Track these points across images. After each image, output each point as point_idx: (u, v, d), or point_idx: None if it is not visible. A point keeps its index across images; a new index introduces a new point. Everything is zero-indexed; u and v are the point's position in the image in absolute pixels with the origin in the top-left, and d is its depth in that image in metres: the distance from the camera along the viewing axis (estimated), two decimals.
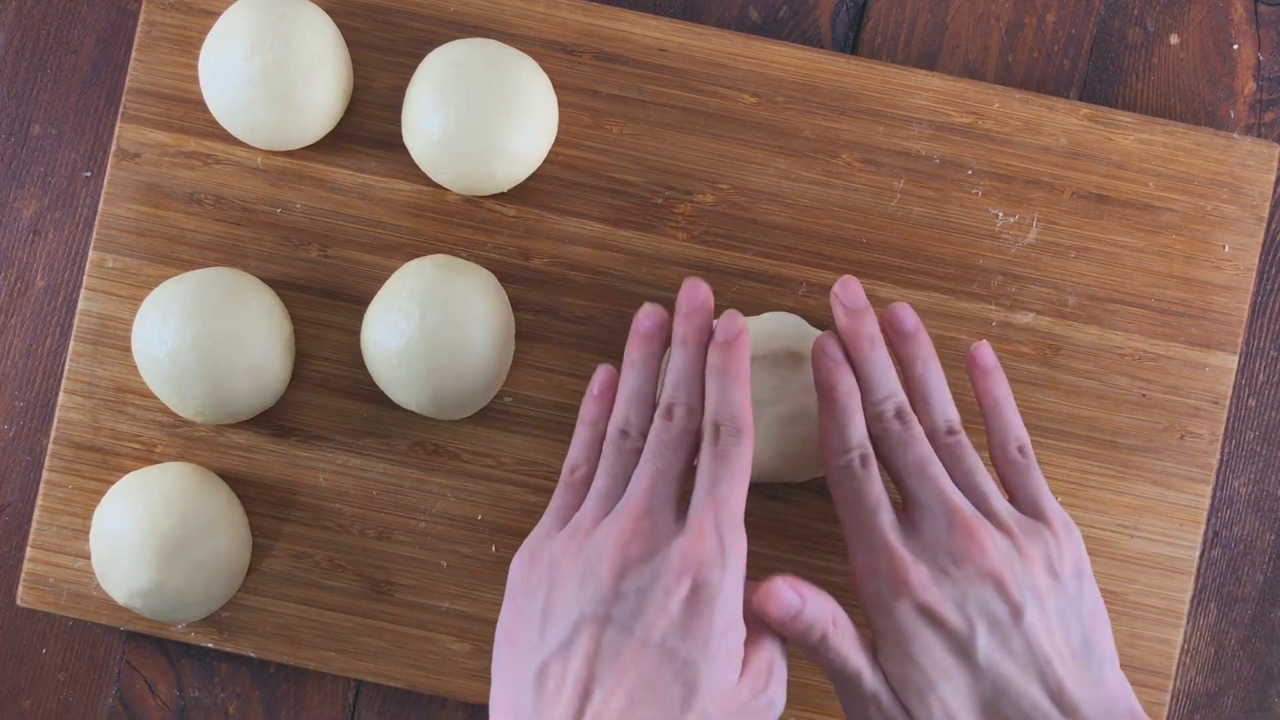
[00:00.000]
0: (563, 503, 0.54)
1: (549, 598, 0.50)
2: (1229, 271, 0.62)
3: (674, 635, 0.48)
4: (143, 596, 0.59)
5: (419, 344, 0.58)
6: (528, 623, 0.50)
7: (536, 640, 0.50)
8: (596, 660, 0.48)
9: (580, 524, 0.52)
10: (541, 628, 0.50)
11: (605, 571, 0.49)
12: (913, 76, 0.62)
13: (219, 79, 0.59)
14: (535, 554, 0.52)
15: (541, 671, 0.49)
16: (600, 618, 0.49)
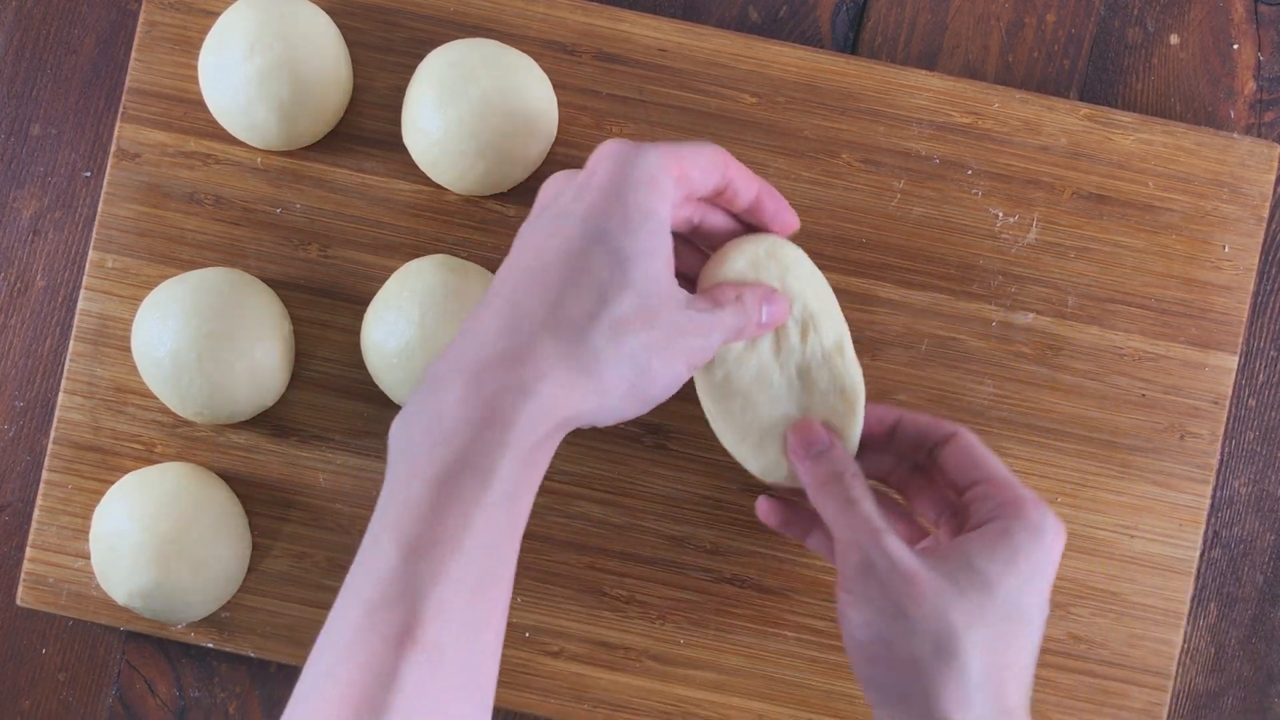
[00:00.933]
0: None
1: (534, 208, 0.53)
2: (1229, 271, 0.62)
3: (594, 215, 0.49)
4: (143, 596, 0.59)
5: (419, 344, 0.58)
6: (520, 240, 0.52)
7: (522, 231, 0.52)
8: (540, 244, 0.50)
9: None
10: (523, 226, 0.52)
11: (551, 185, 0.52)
12: (913, 76, 0.62)
13: (219, 79, 0.59)
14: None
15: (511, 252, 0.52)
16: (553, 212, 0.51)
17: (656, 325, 0.49)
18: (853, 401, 0.56)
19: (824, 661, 0.62)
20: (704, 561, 0.62)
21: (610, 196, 0.49)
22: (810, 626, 0.62)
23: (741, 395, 0.56)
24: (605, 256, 0.49)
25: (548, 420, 0.48)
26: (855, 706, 0.62)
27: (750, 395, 0.56)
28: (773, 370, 0.56)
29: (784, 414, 0.56)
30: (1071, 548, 0.62)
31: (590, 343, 0.48)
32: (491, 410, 0.47)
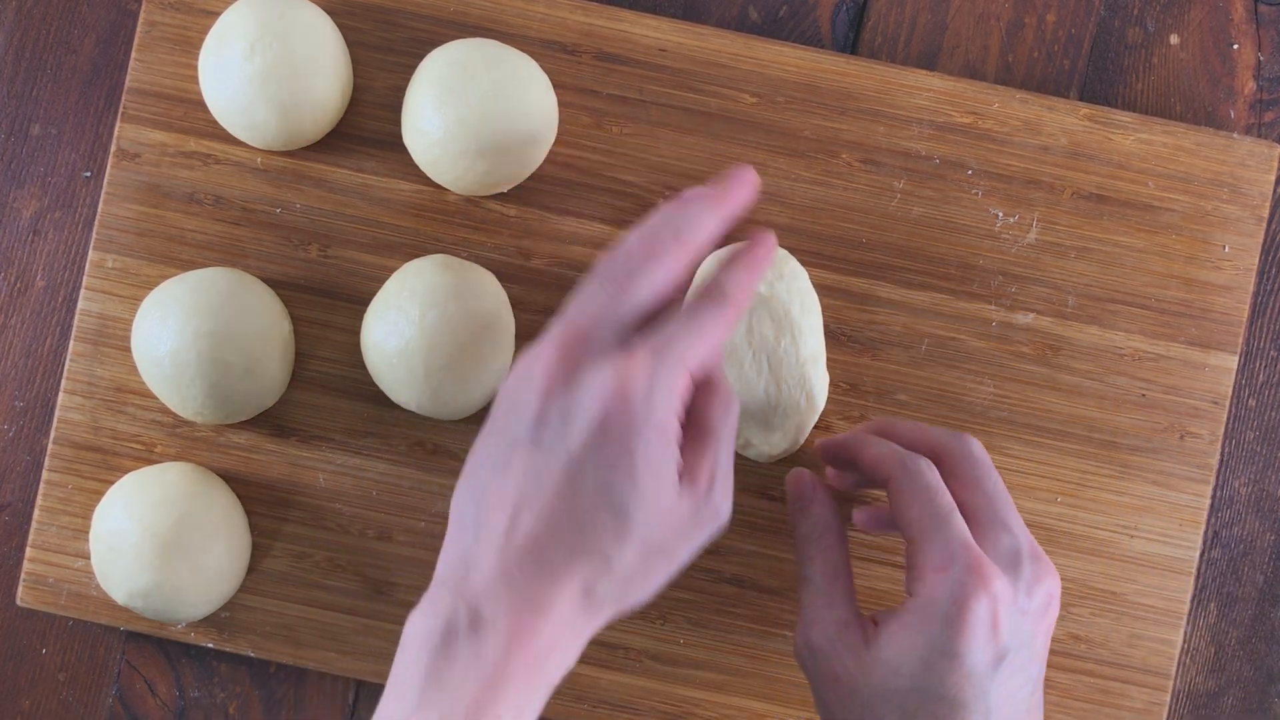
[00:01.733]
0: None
1: (495, 423, 0.50)
2: (1229, 271, 0.62)
3: (594, 459, 0.47)
4: (142, 596, 0.59)
5: (419, 344, 0.58)
6: (484, 441, 0.50)
7: (487, 455, 0.49)
8: (525, 482, 0.48)
9: (540, 340, 0.50)
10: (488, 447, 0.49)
11: (532, 394, 0.48)
12: (913, 76, 0.62)
13: (219, 79, 0.59)
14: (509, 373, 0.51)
15: (486, 485, 0.49)
16: (527, 440, 0.48)
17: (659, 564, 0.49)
18: (814, 408, 0.60)
19: None
20: (704, 561, 0.62)
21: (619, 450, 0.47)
22: None
23: None
24: (609, 514, 0.47)
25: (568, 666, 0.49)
26: None
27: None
28: (744, 353, 0.59)
29: (750, 395, 0.59)
30: (1071, 548, 0.62)
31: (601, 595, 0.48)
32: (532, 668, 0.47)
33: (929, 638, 0.51)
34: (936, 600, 0.51)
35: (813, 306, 0.60)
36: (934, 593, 0.51)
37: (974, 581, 0.50)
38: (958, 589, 0.50)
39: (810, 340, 0.60)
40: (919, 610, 0.51)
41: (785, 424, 0.60)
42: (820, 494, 0.57)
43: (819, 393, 0.60)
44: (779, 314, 0.59)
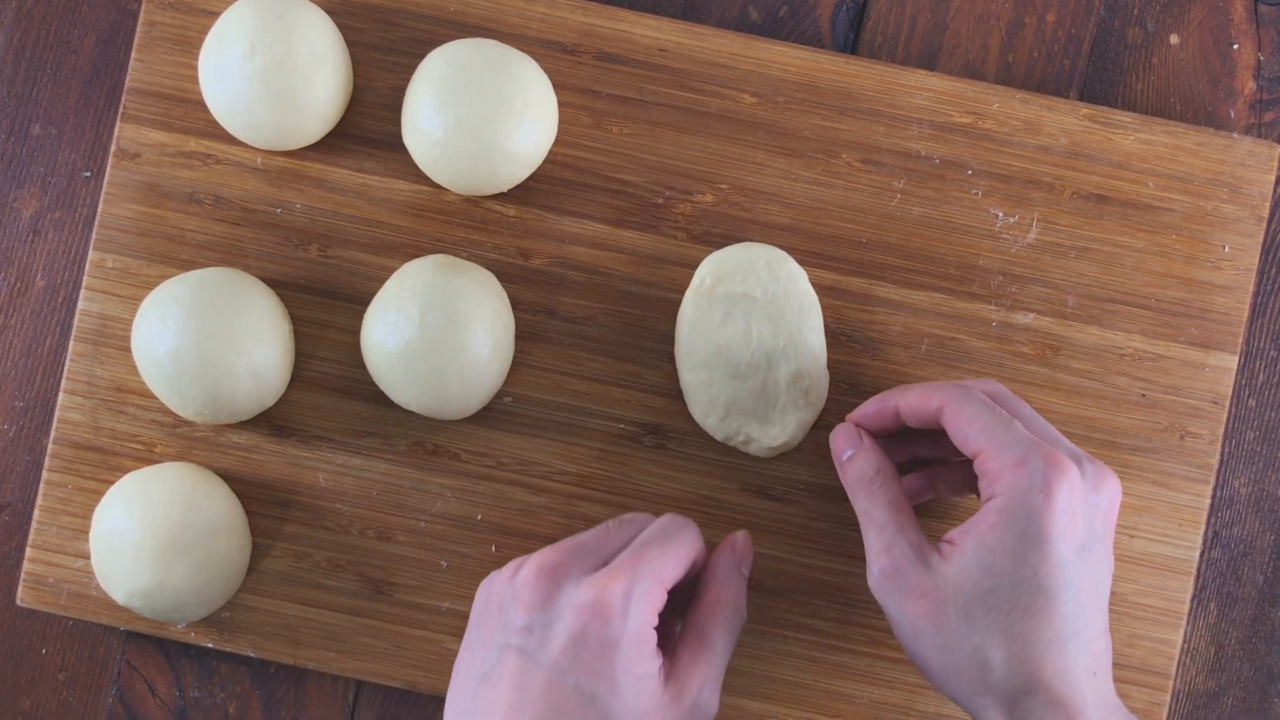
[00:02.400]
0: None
1: (480, 629, 0.53)
2: (1229, 271, 0.62)
3: (578, 671, 0.50)
4: (142, 596, 0.59)
5: (419, 344, 0.58)
6: (469, 648, 0.53)
7: (475, 661, 0.52)
8: (517, 687, 0.50)
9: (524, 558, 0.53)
10: (476, 654, 0.52)
11: (519, 604, 0.51)
12: (913, 76, 0.62)
13: (219, 79, 0.59)
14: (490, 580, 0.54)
15: (477, 690, 0.51)
16: (516, 648, 0.51)
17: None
18: (815, 407, 0.60)
19: (824, 661, 0.62)
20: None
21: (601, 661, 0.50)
22: (810, 626, 0.62)
23: (707, 369, 0.60)
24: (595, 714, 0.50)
25: None
26: (855, 706, 0.62)
27: (714, 370, 0.60)
28: (743, 353, 0.59)
29: (750, 395, 0.60)
30: None
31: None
32: None
33: (1017, 530, 0.52)
34: (1020, 491, 0.52)
35: (811, 307, 0.60)
36: (1017, 484, 0.52)
37: (1053, 470, 0.52)
38: (1039, 478, 0.52)
39: (810, 340, 0.60)
40: (1003, 507, 0.52)
41: (785, 421, 0.60)
42: (867, 440, 0.57)
43: (819, 392, 0.60)
44: (776, 315, 0.60)
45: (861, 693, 0.62)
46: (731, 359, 0.59)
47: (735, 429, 0.60)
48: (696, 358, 0.60)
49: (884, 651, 0.62)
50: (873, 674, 0.62)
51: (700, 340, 0.60)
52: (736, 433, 0.60)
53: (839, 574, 0.62)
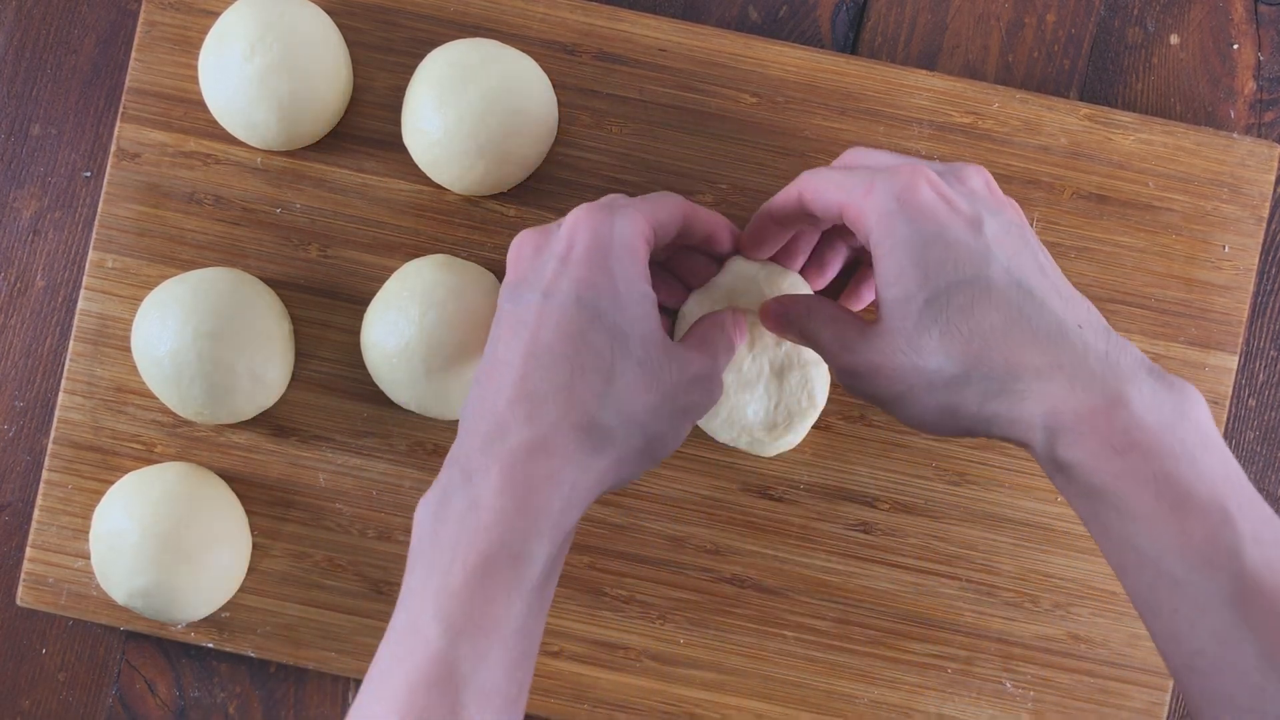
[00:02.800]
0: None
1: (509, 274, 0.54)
2: (1229, 271, 0.62)
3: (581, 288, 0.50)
4: (142, 596, 0.59)
5: (419, 344, 0.58)
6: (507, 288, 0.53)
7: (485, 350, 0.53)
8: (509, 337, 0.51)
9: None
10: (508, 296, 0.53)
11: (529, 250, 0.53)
12: (913, 76, 0.62)
13: (219, 79, 0.59)
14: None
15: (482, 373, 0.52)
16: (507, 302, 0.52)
17: (659, 388, 0.51)
18: (815, 407, 0.60)
19: (824, 661, 0.62)
20: (704, 561, 0.62)
21: (597, 270, 0.51)
22: (810, 626, 0.62)
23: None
24: (603, 334, 0.50)
25: (577, 505, 0.50)
26: (855, 706, 0.62)
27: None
28: (744, 355, 0.59)
29: (751, 396, 0.59)
30: (1071, 548, 0.62)
31: (604, 422, 0.50)
32: (526, 500, 0.48)
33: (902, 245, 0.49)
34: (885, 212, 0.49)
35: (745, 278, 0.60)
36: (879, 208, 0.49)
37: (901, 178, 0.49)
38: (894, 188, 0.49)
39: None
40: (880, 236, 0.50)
41: (785, 422, 0.60)
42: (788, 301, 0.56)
43: (820, 392, 0.60)
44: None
45: (861, 693, 0.62)
46: (736, 361, 0.59)
47: (736, 430, 0.60)
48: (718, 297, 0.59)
49: (884, 651, 0.62)
50: (873, 674, 0.62)
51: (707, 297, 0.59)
52: (738, 434, 0.60)
53: (839, 574, 0.62)
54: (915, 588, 0.62)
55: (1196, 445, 0.47)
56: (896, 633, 0.62)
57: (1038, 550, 0.62)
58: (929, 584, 0.62)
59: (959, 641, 0.62)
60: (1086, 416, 0.47)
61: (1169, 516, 0.46)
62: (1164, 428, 0.47)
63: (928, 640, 0.62)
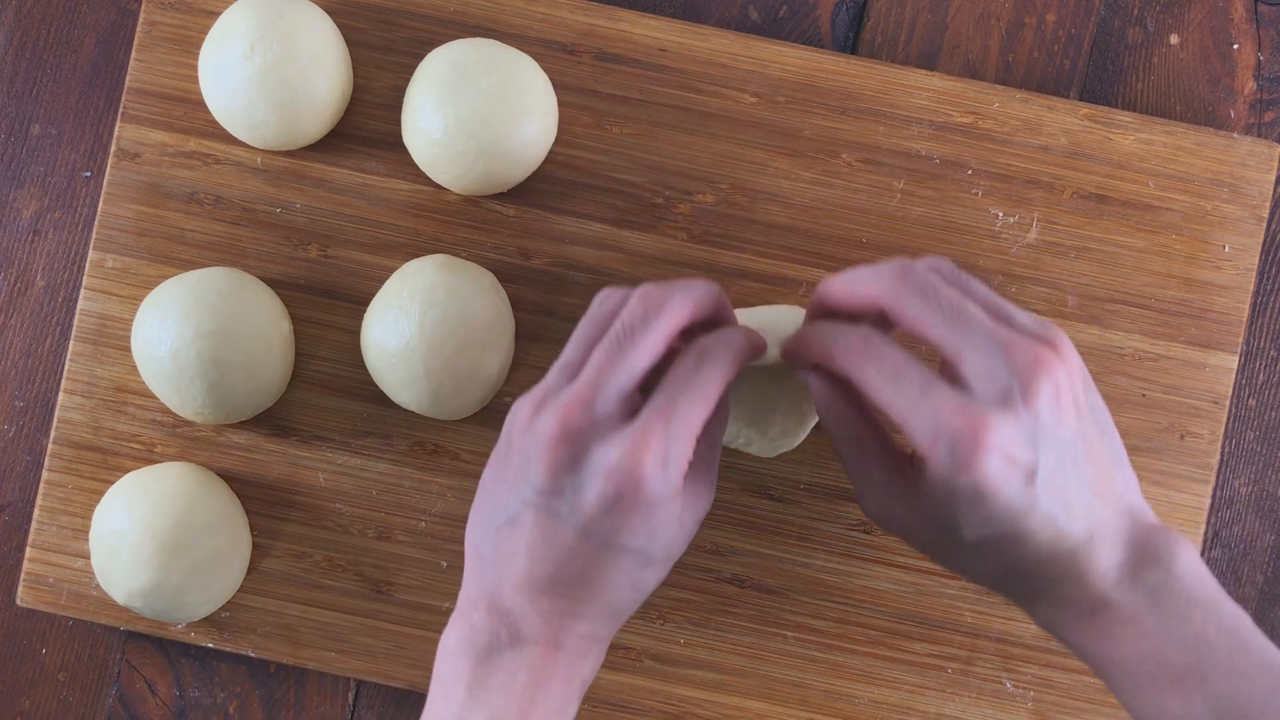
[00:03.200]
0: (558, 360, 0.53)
1: (504, 470, 0.51)
2: (1229, 271, 0.62)
3: (608, 530, 0.49)
4: (142, 596, 0.59)
5: (419, 344, 0.58)
6: (494, 484, 0.52)
7: (496, 504, 0.51)
8: (538, 540, 0.50)
9: (537, 394, 0.50)
10: (498, 495, 0.51)
11: (539, 468, 0.49)
12: (913, 76, 0.62)
13: (219, 79, 0.59)
14: (514, 414, 0.52)
15: (499, 531, 0.51)
16: (539, 506, 0.50)
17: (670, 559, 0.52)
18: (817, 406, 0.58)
19: (824, 661, 0.62)
20: (704, 561, 0.62)
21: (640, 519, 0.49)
22: (810, 626, 0.62)
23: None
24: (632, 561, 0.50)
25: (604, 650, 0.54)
26: (855, 706, 0.62)
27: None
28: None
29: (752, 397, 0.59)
30: None
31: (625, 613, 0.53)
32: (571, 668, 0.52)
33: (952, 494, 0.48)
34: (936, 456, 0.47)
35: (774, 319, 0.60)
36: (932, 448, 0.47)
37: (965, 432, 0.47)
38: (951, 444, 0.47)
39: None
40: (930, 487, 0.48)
41: (785, 422, 0.60)
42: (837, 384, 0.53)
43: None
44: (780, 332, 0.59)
45: (861, 693, 0.62)
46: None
47: (736, 430, 0.60)
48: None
49: (884, 651, 0.62)
50: (873, 674, 0.62)
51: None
52: (737, 434, 0.60)
53: (839, 574, 0.62)
54: (915, 588, 0.62)
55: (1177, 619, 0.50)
56: (896, 633, 0.62)
57: None
58: (929, 584, 0.62)
59: (959, 641, 0.62)
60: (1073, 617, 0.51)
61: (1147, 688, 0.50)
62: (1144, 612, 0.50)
63: (928, 640, 0.62)
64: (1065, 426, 0.48)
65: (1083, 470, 0.49)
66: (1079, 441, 0.49)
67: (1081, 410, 0.49)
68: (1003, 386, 0.47)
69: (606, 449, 0.48)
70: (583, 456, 0.49)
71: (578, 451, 0.49)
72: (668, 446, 0.48)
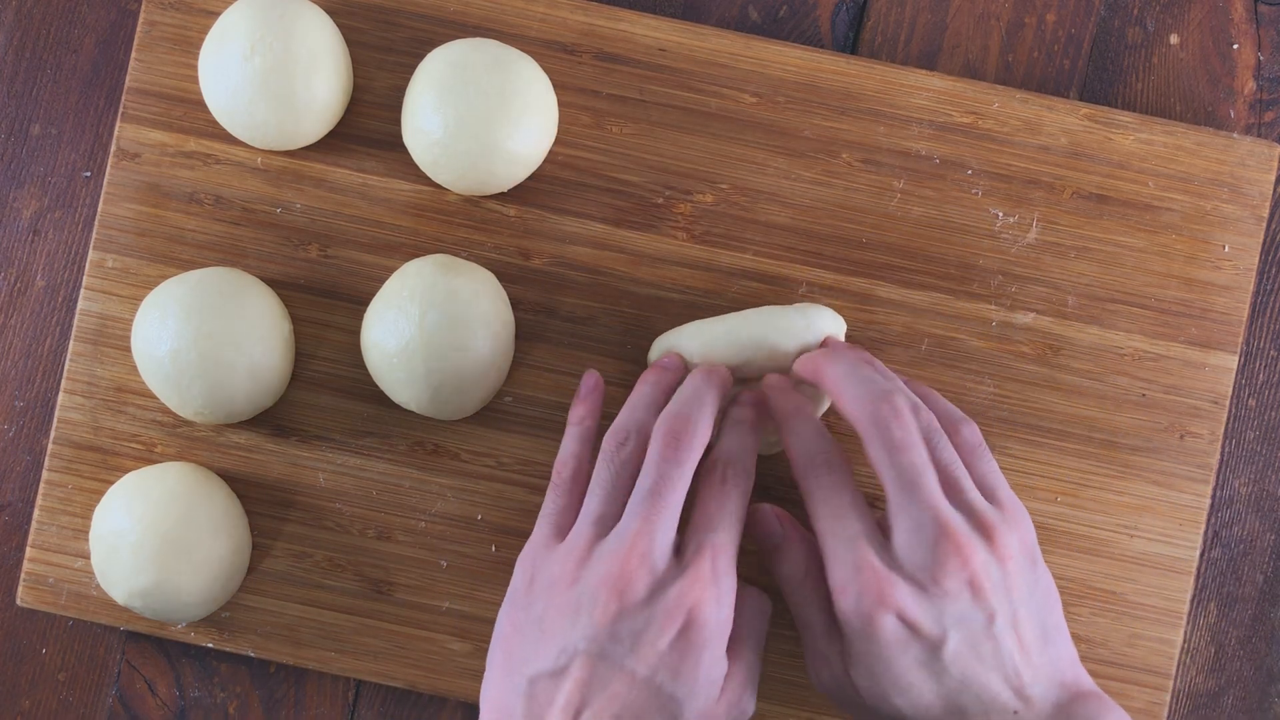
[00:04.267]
0: (555, 507, 0.55)
1: (544, 619, 0.52)
2: (1229, 271, 0.62)
3: (664, 673, 0.50)
4: (142, 596, 0.59)
5: (419, 344, 0.58)
6: (523, 636, 0.52)
7: (530, 655, 0.52)
8: (587, 688, 0.50)
9: (575, 548, 0.53)
10: (536, 645, 0.52)
11: (599, 613, 0.51)
12: (913, 76, 0.62)
13: (219, 79, 0.59)
14: (535, 567, 0.53)
15: (532, 684, 0.51)
16: (593, 653, 0.50)
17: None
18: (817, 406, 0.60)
19: None
20: None
21: (685, 660, 0.50)
22: None
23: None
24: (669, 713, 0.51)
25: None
26: None
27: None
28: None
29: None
30: (1071, 547, 0.62)
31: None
32: None
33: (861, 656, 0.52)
34: (845, 614, 0.52)
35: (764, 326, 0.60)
36: (842, 605, 0.52)
37: (868, 594, 0.51)
38: (856, 606, 0.52)
39: (810, 342, 0.60)
40: (845, 631, 0.53)
41: None
42: (792, 531, 0.57)
43: (820, 392, 0.60)
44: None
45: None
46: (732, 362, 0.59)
47: None
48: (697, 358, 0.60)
49: None
50: None
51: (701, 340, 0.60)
52: None
53: None
54: None
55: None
56: None
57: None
58: None
59: None
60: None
61: None
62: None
63: None
64: (981, 608, 0.52)
65: (1004, 645, 0.52)
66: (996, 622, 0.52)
67: (1012, 591, 0.52)
68: (920, 563, 0.52)
69: (667, 592, 0.51)
70: (646, 601, 0.51)
71: (640, 597, 0.51)
72: (719, 584, 0.51)
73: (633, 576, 0.51)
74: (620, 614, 0.50)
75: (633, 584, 0.51)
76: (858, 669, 0.53)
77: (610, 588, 0.51)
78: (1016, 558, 0.53)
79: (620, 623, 0.50)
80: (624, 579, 0.51)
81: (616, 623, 0.50)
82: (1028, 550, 0.54)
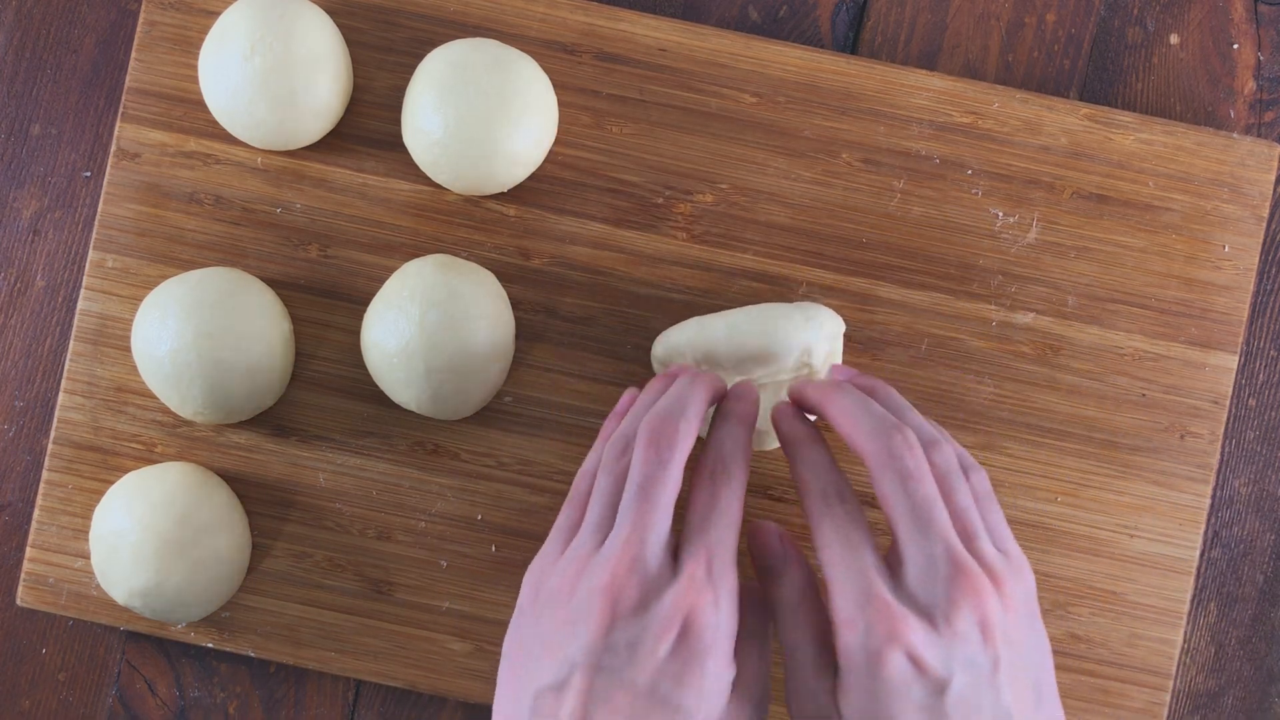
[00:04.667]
0: (565, 521, 0.54)
1: (544, 633, 0.51)
2: (1229, 271, 0.62)
3: (666, 682, 0.49)
4: (142, 596, 0.59)
5: (419, 344, 0.58)
6: (526, 650, 0.52)
7: (535, 668, 0.51)
8: (589, 700, 0.49)
9: (575, 559, 0.52)
10: (538, 659, 0.51)
11: (593, 624, 0.49)
12: (913, 76, 0.62)
13: (219, 79, 0.59)
14: (540, 578, 0.53)
15: (537, 698, 0.50)
16: (591, 665, 0.49)
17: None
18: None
19: None
20: None
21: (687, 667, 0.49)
22: None
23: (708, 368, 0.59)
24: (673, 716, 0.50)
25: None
26: None
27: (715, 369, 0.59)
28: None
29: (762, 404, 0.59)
30: (1071, 547, 0.62)
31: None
32: None
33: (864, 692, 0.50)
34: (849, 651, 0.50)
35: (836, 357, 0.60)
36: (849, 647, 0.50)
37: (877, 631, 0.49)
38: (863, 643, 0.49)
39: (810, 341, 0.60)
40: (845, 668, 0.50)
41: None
42: (794, 554, 0.55)
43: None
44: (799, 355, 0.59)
45: None
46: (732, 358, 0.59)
47: None
48: (697, 357, 0.60)
49: None
50: None
51: (701, 339, 0.60)
52: None
53: None
54: None
55: None
56: None
57: (1037, 550, 0.62)
58: None
59: None
60: None
61: None
62: None
63: None
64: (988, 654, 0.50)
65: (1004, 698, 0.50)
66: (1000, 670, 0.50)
67: (1014, 643, 0.51)
68: (932, 600, 0.50)
69: (660, 600, 0.49)
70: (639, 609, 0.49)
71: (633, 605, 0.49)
72: (718, 589, 0.50)
73: (624, 584, 0.50)
74: (614, 624, 0.49)
75: (624, 592, 0.49)
76: (850, 707, 0.50)
77: (602, 597, 0.49)
78: (1020, 610, 0.51)
79: (614, 633, 0.49)
80: (615, 588, 0.50)
81: (610, 633, 0.49)
82: (1030, 604, 0.52)
